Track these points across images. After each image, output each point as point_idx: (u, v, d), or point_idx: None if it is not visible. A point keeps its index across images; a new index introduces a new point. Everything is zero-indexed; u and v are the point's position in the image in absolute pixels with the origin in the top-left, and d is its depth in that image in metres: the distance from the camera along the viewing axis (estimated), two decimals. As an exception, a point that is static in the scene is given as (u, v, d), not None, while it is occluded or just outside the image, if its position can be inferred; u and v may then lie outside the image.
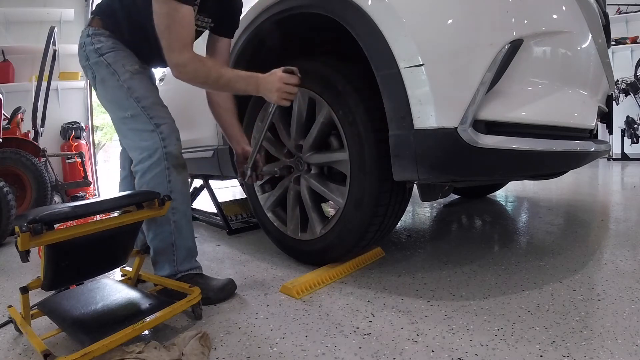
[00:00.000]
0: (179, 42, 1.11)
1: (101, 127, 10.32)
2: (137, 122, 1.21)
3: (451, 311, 1.06)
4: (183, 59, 1.12)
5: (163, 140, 1.19)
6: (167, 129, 1.21)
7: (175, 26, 1.10)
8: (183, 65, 1.13)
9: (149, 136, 1.19)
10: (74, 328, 0.94)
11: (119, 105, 1.23)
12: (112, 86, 1.22)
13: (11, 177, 2.67)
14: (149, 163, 1.19)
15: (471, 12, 1.01)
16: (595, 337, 0.88)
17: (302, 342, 0.95)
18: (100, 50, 1.23)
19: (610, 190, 3.01)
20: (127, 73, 1.22)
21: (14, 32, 4.51)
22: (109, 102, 1.26)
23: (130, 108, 1.21)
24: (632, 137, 5.30)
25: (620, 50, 5.68)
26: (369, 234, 1.32)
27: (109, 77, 1.22)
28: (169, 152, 1.19)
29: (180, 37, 1.11)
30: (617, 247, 1.53)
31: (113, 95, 1.24)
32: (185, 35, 1.12)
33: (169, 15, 1.09)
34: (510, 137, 1.03)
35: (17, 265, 1.77)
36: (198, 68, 1.14)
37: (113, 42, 1.25)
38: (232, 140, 1.47)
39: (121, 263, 1.15)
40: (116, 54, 1.23)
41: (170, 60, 1.13)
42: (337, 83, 1.27)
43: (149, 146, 1.19)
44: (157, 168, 1.19)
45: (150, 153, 1.19)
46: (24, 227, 0.84)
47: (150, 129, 1.19)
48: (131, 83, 1.22)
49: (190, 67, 1.13)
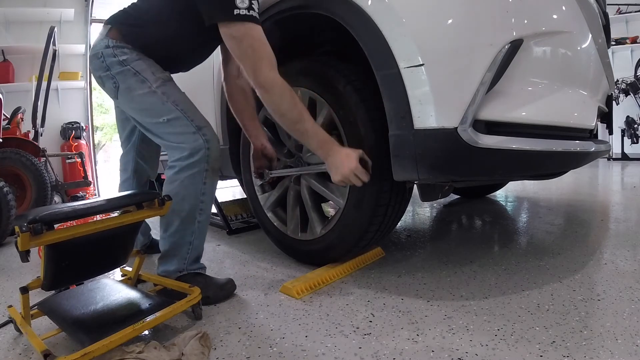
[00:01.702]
0: (267, 60, 1.09)
1: (101, 127, 10.33)
2: (178, 125, 1.19)
3: (451, 311, 1.06)
4: (272, 80, 1.09)
5: (207, 142, 1.18)
6: (209, 132, 1.21)
7: (258, 45, 1.09)
8: (271, 85, 1.10)
9: (192, 137, 1.18)
10: (74, 328, 0.94)
11: (153, 112, 1.22)
12: (142, 93, 1.20)
13: (11, 177, 2.66)
14: (190, 161, 1.18)
15: (471, 12, 1.01)
16: (595, 337, 0.88)
17: (302, 342, 0.95)
18: (126, 62, 1.21)
19: (610, 190, 3.01)
20: (159, 80, 1.21)
21: (14, 32, 4.51)
22: (139, 109, 1.25)
23: (168, 112, 1.19)
24: (632, 137, 5.30)
25: (620, 50, 5.68)
26: (369, 234, 1.32)
27: (138, 85, 1.20)
28: (211, 154, 1.19)
29: (267, 55, 1.09)
30: (617, 247, 1.53)
31: (143, 102, 1.22)
32: (271, 53, 1.10)
33: (249, 36, 1.08)
34: (510, 137, 1.03)
35: (17, 265, 1.77)
36: (285, 96, 1.11)
37: (137, 53, 1.23)
38: (252, 136, 1.47)
39: (121, 263, 1.15)
40: (143, 62, 1.22)
41: (257, 80, 1.10)
42: (337, 83, 1.27)
43: (193, 146, 1.18)
44: (196, 168, 1.18)
45: (192, 152, 1.18)
46: (24, 227, 0.84)
47: (192, 130, 1.19)
48: (165, 89, 1.21)
49: (278, 90, 1.10)
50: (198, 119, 1.21)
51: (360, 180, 1.12)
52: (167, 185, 1.21)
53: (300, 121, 1.13)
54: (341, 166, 1.11)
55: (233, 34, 1.09)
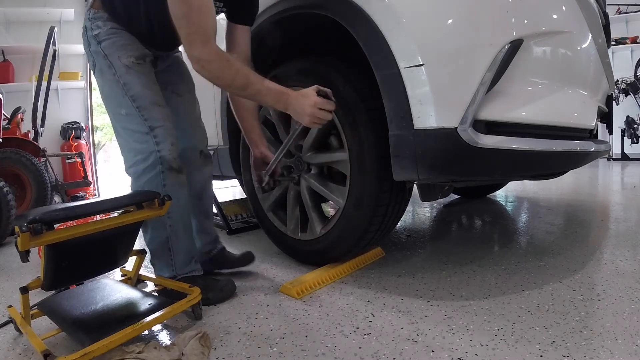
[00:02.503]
0: (200, 32, 1.01)
1: (101, 127, 10.31)
2: (131, 122, 1.15)
3: (451, 311, 1.06)
4: (207, 53, 1.02)
5: (157, 145, 1.14)
6: (161, 132, 1.15)
7: (194, 13, 1.00)
8: (207, 60, 1.02)
9: (143, 138, 1.14)
10: (74, 328, 0.94)
11: (115, 101, 1.17)
12: (108, 79, 1.16)
13: (11, 177, 2.66)
14: (143, 166, 1.15)
15: (471, 12, 1.01)
16: (595, 337, 0.88)
17: (302, 342, 0.95)
18: (98, 37, 1.15)
19: (610, 190, 3.01)
20: (123, 67, 1.14)
21: (14, 32, 4.51)
22: (106, 96, 1.20)
23: (125, 106, 1.15)
24: (632, 137, 5.29)
25: (620, 50, 5.67)
26: (369, 234, 1.32)
27: (106, 70, 1.16)
28: (162, 156, 1.14)
29: (202, 26, 1.01)
30: (617, 247, 1.53)
31: (110, 89, 1.18)
32: (208, 24, 1.02)
33: (186, 3, 1.00)
34: (510, 137, 1.03)
35: (17, 265, 1.77)
36: (224, 67, 1.05)
37: (111, 26, 1.16)
38: (252, 144, 1.40)
39: (121, 263, 1.15)
40: (113, 43, 1.15)
41: (191, 53, 1.03)
42: (337, 83, 1.27)
43: (142, 149, 1.14)
44: (151, 172, 1.15)
45: (144, 156, 1.15)
46: (24, 227, 0.83)
47: (144, 130, 1.14)
48: (127, 78, 1.15)
49: (215, 64, 1.04)
50: (153, 118, 1.15)
51: (327, 112, 1.08)
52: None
53: (247, 85, 1.07)
54: (303, 108, 1.07)
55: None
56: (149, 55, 1.22)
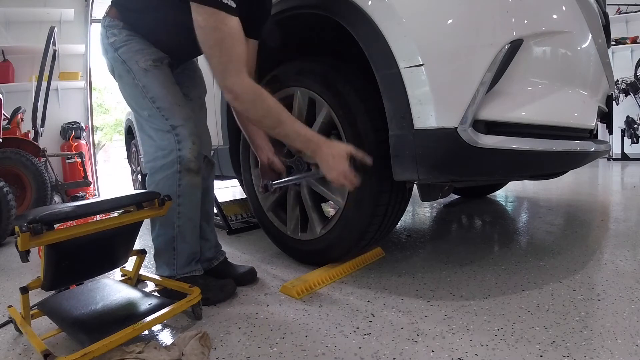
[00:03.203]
0: (234, 62, 0.99)
1: (101, 127, 10.33)
2: (154, 122, 1.17)
3: (451, 311, 1.06)
4: (241, 85, 1.00)
5: (178, 143, 1.15)
6: (183, 131, 1.16)
7: (227, 43, 0.98)
8: (241, 93, 1.01)
9: (165, 136, 1.16)
10: (74, 328, 0.94)
11: (137, 104, 1.20)
12: (128, 84, 1.19)
13: (11, 177, 2.67)
14: (162, 163, 1.16)
15: (471, 12, 1.01)
16: (595, 337, 0.88)
17: (302, 342, 0.95)
18: (114, 45, 1.17)
19: (610, 190, 3.01)
20: (141, 70, 1.16)
21: (14, 32, 4.51)
22: (129, 99, 1.23)
23: (147, 108, 1.17)
24: (632, 137, 5.29)
25: (620, 50, 5.68)
26: (369, 234, 1.32)
27: (125, 74, 1.18)
28: (182, 155, 1.15)
29: (235, 56, 0.99)
30: (617, 247, 1.53)
31: (130, 93, 1.20)
32: (240, 53, 1.00)
33: (218, 30, 0.96)
34: (510, 137, 1.03)
35: (17, 265, 1.77)
36: (257, 102, 1.03)
37: (127, 33, 1.17)
38: (257, 149, 1.38)
39: (121, 263, 1.15)
40: (129, 48, 1.16)
41: (224, 84, 1.02)
42: (337, 83, 1.27)
43: (164, 146, 1.16)
44: (168, 170, 1.16)
45: (164, 153, 1.16)
46: (24, 227, 0.83)
47: (166, 129, 1.16)
48: (146, 81, 1.16)
49: (248, 97, 1.02)
50: (174, 118, 1.16)
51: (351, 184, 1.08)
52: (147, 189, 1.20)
53: (278, 125, 1.06)
54: (334, 163, 1.06)
55: (200, 24, 0.97)
56: (166, 57, 1.22)
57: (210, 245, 1.41)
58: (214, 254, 1.41)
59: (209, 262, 1.40)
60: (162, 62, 1.20)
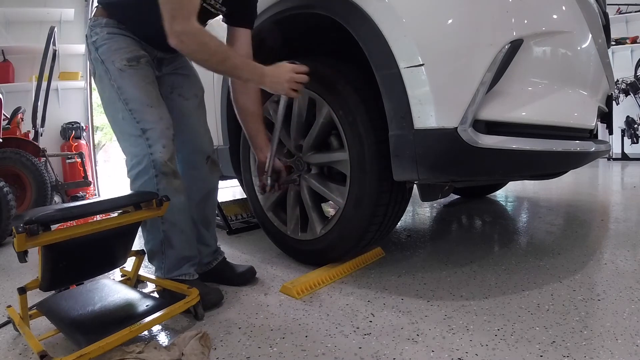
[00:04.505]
0: (183, 9, 1.01)
1: (101, 127, 10.31)
2: (127, 125, 1.15)
3: (451, 311, 1.06)
4: (189, 27, 1.02)
5: (150, 147, 1.12)
6: (153, 134, 1.13)
7: None
8: (189, 33, 1.03)
9: (136, 142, 1.13)
10: (72, 329, 0.94)
11: (112, 106, 1.17)
12: (106, 84, 1.16)
13: (11, 177, 2.67)
14: (138, 170, 1.14)
15: (471, 12, 1.01)
16: (595, 337, 0.88)
17: (302, 342, 0.95)
18: (95, 44, 1.16)
19: (610, 190, 3.01)
20: (117, 71, 1.14)
21: (14, 32, 4.51)
22: (104, 101, 1.20)
23: (121, 110, 1.14)
24: (632, 137, 5.29)
25: (620, 50, 5.67)
26: (369, 234, 1.32)
27: (104, 75, 1.16)
28: (155, 159, 1.12)
29: (184, 4, 1.01)
30: (617, 247, 1.53)
31: (108, 94, 1.18)
32: (191, 3, 1.02)
33: None
34: (510, 137, 1.03)
35: (17, 265, 1.77)
36: (206, 41, 1.05)
37: (108, 31, 1.16)
38: (257, 148, 1.37)
39: (120, 264, 1.15)
40: (108, 48, 1.15)
41: (172, 28, 1.02)
42: (337, 83, 1.27)
43: (137, 152, 1.13)
44: (145, 175, 1.14)
45: (138, 160, 1.13)
46: (21, 227, 0.83)
47: (137, 134, 1.13)
48: (121, 82, 1.14)
49: (197, 38, 1.04)
50: (145, 120, 1.13)
51: (304, 74, 1.16)
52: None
53: (226, 59, 1.09)
54: (280, 76, 1.15)
55: None
56: (145, 56, 1.20)
57: (210, 250, 1.40)
58: (213, 257, 1.41)
59: (207, 265, 1.39)
60: (138, 61, 1.17)
